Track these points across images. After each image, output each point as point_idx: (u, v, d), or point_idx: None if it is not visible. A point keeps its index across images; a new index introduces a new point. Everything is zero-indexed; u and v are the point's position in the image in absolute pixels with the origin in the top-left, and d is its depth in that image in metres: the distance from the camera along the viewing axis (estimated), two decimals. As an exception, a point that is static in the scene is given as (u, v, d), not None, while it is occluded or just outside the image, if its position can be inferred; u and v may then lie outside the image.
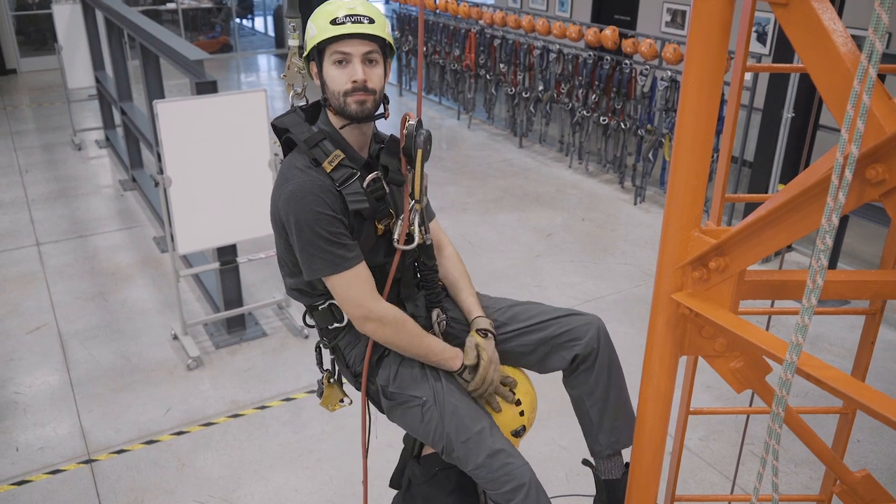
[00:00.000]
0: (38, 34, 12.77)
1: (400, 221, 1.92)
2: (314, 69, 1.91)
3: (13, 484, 3.63)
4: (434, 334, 2.03)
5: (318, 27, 1.82)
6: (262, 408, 4.20)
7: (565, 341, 2.03)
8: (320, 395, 2.25)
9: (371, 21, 1.81)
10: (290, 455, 3.83)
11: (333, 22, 1.79)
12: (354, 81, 1.81)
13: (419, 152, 1.81)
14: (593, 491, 2.19)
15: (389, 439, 2.25)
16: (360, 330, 1.94)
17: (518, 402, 2.04)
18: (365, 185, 1.88)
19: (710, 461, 3.81)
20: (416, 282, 2.08)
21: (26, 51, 12.53)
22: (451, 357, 1.96)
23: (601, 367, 2.03)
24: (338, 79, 1.83)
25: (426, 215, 1.98)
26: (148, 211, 6.85)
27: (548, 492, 1.93)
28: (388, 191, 1.93)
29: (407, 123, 1.83)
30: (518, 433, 2.06)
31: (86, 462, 3.78)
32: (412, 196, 1.88)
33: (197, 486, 3.62)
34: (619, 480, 2.11)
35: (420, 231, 1.92)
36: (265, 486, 3.63)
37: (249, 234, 4.69)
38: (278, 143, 1.98)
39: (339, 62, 1.82)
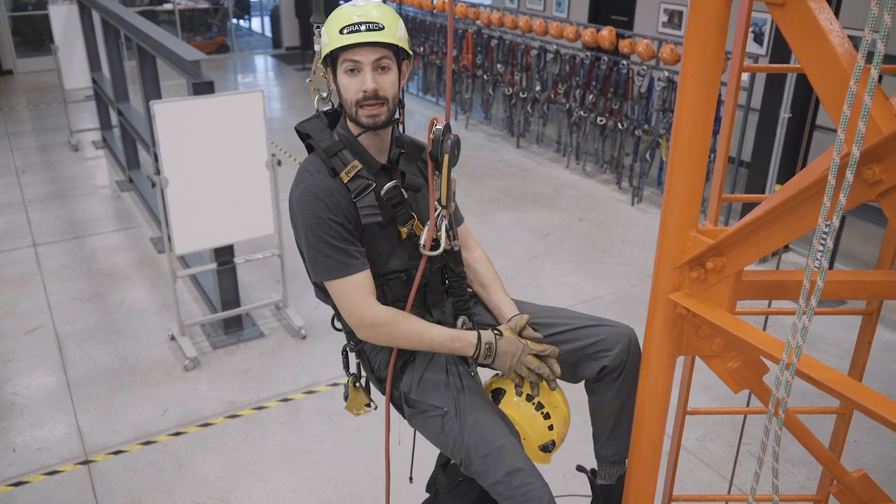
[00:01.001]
0: (34, 35, 12.75)
1: (426, 226, 1.89)
2: (330, 75, 1.90)
3: (10, 485, 3.62)
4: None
5: (330, 35, 1.81)
6: (260, 408, 4.20)
7: (595, 352, 1.99)
8: (346, 398, 2.24)
9: (381, 28, 1.79)
10: (287, 456, 3.83)
11: (343, 31, 1.78)
12: (365, 91, 1.80)
13: (446, 157, 1.78)
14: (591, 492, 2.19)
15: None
16: (359, 336, 1.92)
17: (547, 416, 1.98)
18: (383, 192, 1.88)
19: (707, 461, 3.82)
20: (444, 288, 2.06)
21: (23, 52, 12.49)
22: (460, 347, 1.91)
23: (626, 378, 1.99)
24: (350, 88, 1.82)
25: (454, 220, 1.94)
26: (145, 212, 6.84)
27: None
28: (405, 196, 1.92)
29: (434, 128, 1.79)
30: (547, 448, 2.00)
31: (83, 463, 3.78)
32: (439, 202, 1.84)
33: (194, 487, 3.61)
34: (614, 486, 2.10)
35: (447, 237, 1.88)
36: (263, 486, 3.62)
37: (246, 235, 4.69)
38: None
39: (351, 70, 1.81)
